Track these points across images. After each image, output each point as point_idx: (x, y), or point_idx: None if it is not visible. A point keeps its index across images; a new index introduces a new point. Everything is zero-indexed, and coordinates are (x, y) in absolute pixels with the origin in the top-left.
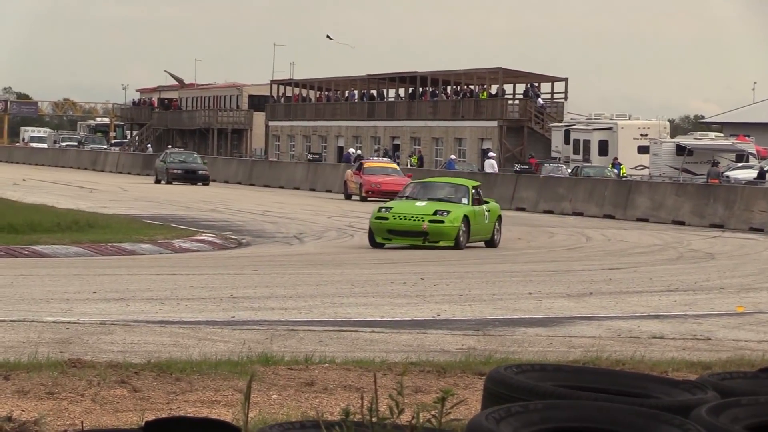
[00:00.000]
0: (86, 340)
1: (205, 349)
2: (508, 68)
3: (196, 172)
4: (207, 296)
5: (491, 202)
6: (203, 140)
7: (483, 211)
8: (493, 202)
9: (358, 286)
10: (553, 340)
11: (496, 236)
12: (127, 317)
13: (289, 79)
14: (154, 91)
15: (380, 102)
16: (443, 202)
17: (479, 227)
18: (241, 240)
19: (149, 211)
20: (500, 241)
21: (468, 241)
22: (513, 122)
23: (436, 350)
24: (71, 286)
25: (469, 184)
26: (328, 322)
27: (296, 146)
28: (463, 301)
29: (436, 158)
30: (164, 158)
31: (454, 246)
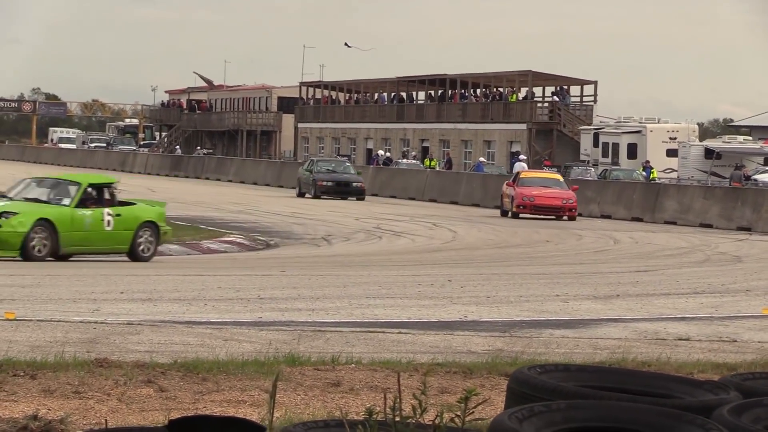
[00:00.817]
0: (113, 340)
1: (232, 350)
2: (537, 71)
3: (349, 184)
4: (234, 297)
5: (143, 204)
6: (232, 142)
7: (100, 215)
8: (145, 206)
9: (385, 287)
10: (579, 341)
11: (140, 248)
12: (155, 317)
13: (319, 81)
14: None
15: (409, 104)
16: (38, 203)
17: (90, 235)
18: (269, 241)
19: (178, 212)
20: (154, 254)
21: (61, 251)
22: (542, 125)
23: (462, 351)
24: (98, 286)
25: (84, 180)
26: (355, 323)
27: (325, 148)
28: (490, 302)
29: (465, 161)
30: (310, 167)
31: (21, 257)
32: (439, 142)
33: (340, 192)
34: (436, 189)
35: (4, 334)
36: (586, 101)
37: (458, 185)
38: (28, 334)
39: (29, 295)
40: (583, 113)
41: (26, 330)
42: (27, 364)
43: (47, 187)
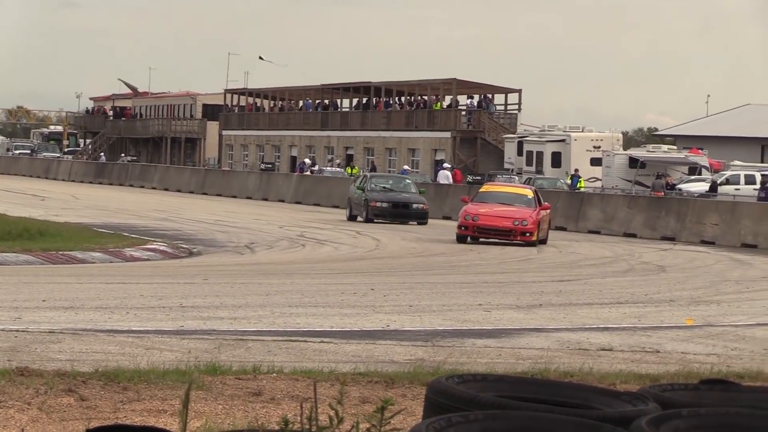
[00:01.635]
0: (34, 349)
1: (153, 359)
2: (462, 79)
3: (408, 206)
4: (156, 305)
5: None
6: (157, 149)
7: None
8: None
9: (308, 296)
10: (502, 351)
11: None
12: (76, 326)
13: (243, 89)
14: (108, 99)
15: (334, 112)
16: None
17: None
18: (192, 249)
19: (101, 219)
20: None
21: None
22: (466, 133)
23: (384, 361)
24: (20, 294)
25: None
26: (277, 332)
27: (250, 156)
28: (413, 311)
29: (389, 168)
30: (362, 184)
31: None
32: (363, 149)
33: (398, 215)
34: None
35: None
36: (511, 110)
37: None
38: None
39: None
40: (508, 122)
41: None
42: None
43: None
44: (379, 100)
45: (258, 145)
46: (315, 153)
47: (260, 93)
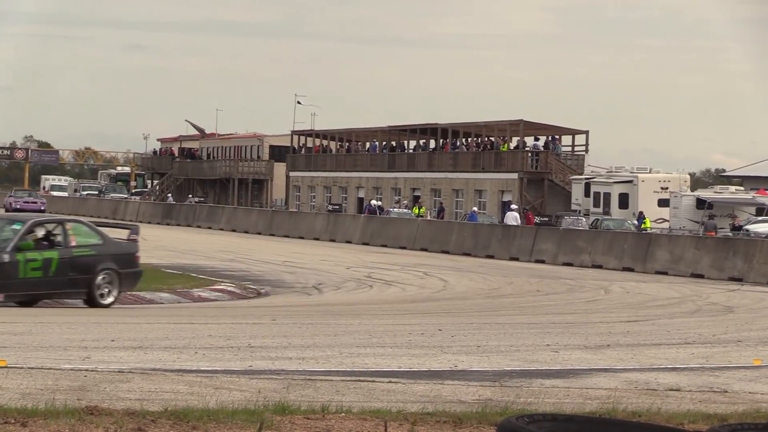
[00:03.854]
0: (104, 388)
1: (222, 398)
2: (529, 120)
3: None
4: (225, 345)
5: None
6: (224, 190)
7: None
8: None
9: (375, 336)
10: (569, 391)
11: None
12: (145, 365)
13: (310, 130)
14: (175, 140)
15: (401, 153)
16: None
17: None
18: (259, 290)
19: (170, 260)
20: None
21: None
22: (533, 174)
23: (452, 401)
24: (90, 333)
25: None
26: (345, 372)
27: (317, 197)
28: (481, 352)
29: (456, 210)
30: None
31: None
32: (430, 191)
33: None
34: (427, 238)
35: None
36: (578, 151)
37: (449, 234)
38: (18, 381)
39: (20, 343)
40: (575, 163)
41: (17, 377)
42: (18, 412)
43: None
44: (446, 142)
45: (325, 187)
46: (382, 194)
47: (327, 134)
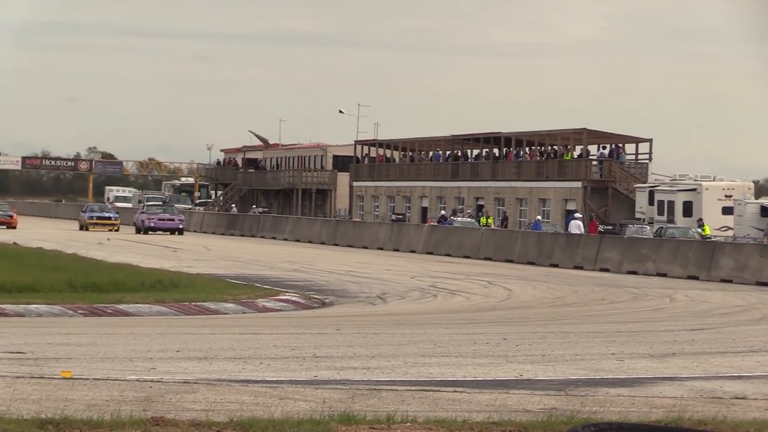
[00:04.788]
0: (169, 399)
1: (287, 408)
2: (592, 129)
3: None
4: (290, 355)
5: None
6: (287, 200)
7: None
8: None
9: (440, 345)
10: (635, 400)
11: None
12: (210, 376)
13: (374, 140)
14: (239, 151)
15: (464, 162)
16: None
17: None
18: (324, 300)
19: (233, 270)
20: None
21: None
22: (597, 183)
23: (518, 410)
24: (154, 344)
25: None
26: (410, 382)
27: (380, 206)
28: (546, 361)
29: (520, 219)
30: None
31: None
32: (494, 200)
33: None
34: (491, 247)
35: (61, 393)
36: (641, 159)
37: (513, 243)
38: (84, 392)
39: (86, 354)
40: (638, 171)
41: (83, 388)
42: (84, 423)
43: None
44: (509, 150)
45: (388, 196)
46: (445, 203)
47: (390, 144)
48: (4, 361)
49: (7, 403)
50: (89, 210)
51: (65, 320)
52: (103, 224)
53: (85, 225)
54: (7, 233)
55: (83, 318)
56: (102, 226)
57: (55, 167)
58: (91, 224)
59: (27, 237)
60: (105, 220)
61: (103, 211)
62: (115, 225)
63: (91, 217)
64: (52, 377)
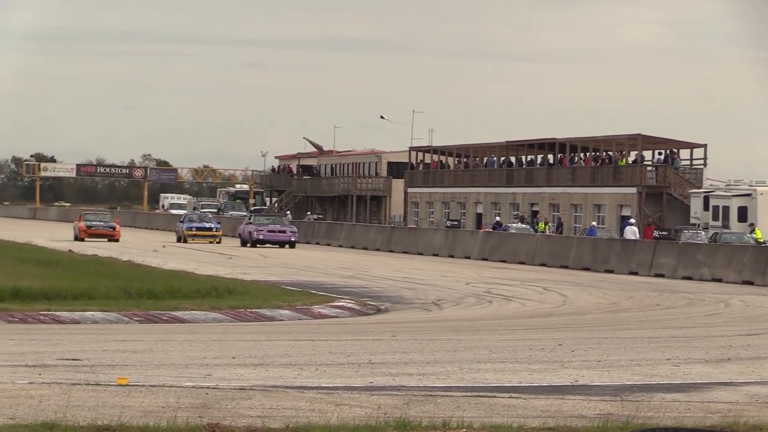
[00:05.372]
0: (225, 405)
1: (343, 414)
2: (646, 134)
3: None
4: (345, 362)
5: None
6: (342, 207)
7: None
8: None
9: (495, 351)
10: (690, 405)
11: None
12: (266, 382)
13: (428, 146)
14: (293, 157)
15: (519, 168)
16: None
17: None
18: (379, 306)
19: (289, 277)
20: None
21: None
22: (652, 188)
23: (573, 416)
24: (210, 351)
25: None
26: (466, 388)
27: (435, 213)
28: (601, 366)
29: (574, 225)
30: None
31: None
32: (549, 206)
33: None
34: (546, 253)
35: (118, 400)
36: (696, 164)
37: (568, 249)
38: (140, 399)
39: (141, 361)
40: (693, 176)
41: (139, 395)
42: (140, 430)
43: None
44: (564, 156)
45: (443, 202)
46: (500, 210)
47: (445, 150)
48: (60, 368)
49: (63, 410)
50: (188, 220)
51: (121, 327)
52: (203, 236)
53: (183, 236)
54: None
55: (139, 325)
56: (202, 237)
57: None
58: (190, 236)
59: (82, 245)
60: (205, 231)
61: (203, 222)
62: (217, 237)
63: (190, 228)
64: (108, 384)
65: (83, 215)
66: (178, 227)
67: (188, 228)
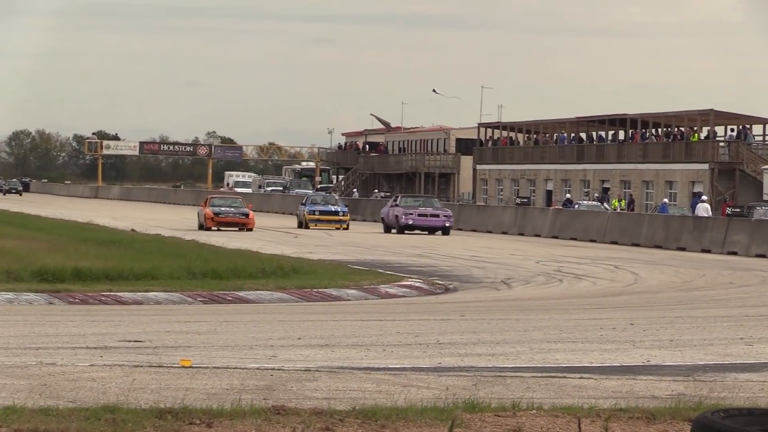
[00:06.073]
0: (290, 387)
1: (411, 396)
2: (719, 110)
3: None
4: (413, 342)
5: None
6: (410, 184)
7: None
8: None
9: (566, 331)
10: (764, 385)
11: None
12: (332, 364)
13: (497, 122)
14: (360, 134)
15: (589, 145)
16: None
17: None
18: (448, 285)
19: (355, 256)
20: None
21: None
22: (724, 165)
23: (645, 396)
24: (275, 332)
25: None
26: (536, 368)
27: (504, 190)
28: (674, 346)
29: (646, 202)
30: None
31: None
32: (620, 182)
33: None
34: (617, 231)
35: (181, 382)
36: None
37: (640, 227)
38: (204, 381)
39: (205, 342)
40: (766, 152)
41: (202, 377)
42: (203, 412)
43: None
44: (635, 132)
45: (513, 179)
46: (570, 187)
47: (515, 126)
48: (122, 350)
49: (125, 393)
50: (310, 202)
51: (184, 308)
52: (328, 221)
53: (305, 222)
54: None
55: (202, 305)
56: (326, 223)
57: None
58: (313, 221)
59: (145, 224)
60: (330, 216)
61: (328, 204)
62: (344, 222)
63: (313, 211)
64: (171, 366)
65: (210, 199)
66: (300, 211)
67: (310, 212)
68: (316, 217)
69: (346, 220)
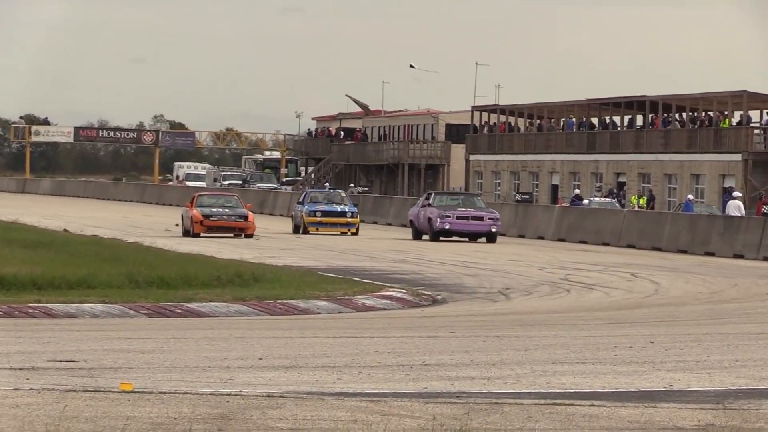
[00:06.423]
0: (250, 416)
1: (392, 426)
2: (753, 91)
3: None
4: (394, 363)
5: None
6: (392, 177)
7: None
8: None
9: (574, 351)
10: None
11: None
12: (299, 388)
13: (494, 105)
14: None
15: (602, 131)
16: None
17: None
18: (435, 296)
19: (327, 261)
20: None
21: None
22: (760, 155)
23: (667, 427)
24: (233, 351)
25: None
26: (539, 394)
27: (502, 184)
28: (700, 368)
29: (668, 198)
30: None
31: None
32: (637, 176)
33: None
34: (635, 232)
35: (121, 410)
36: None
37: (661, 227)
38: (148, 408)
39: (150, 362)
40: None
41: (146, 404)
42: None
43: None
44: (655, 117)
45: (512, 172)
46: (580, 180)
47: (514, 110)
48: (53, 372)
49: (56, 422)
50: (309, 201)
51: (125, 322)
52: (332, 224)
53: (303, 225)
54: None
55: (147, 319)
56: (331, 227)
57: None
58: (313, 224)
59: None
60: (336, 218)
61: (332, 203)
62: (353, 225)
63: (313, 212)
64: (109, 390)
65: (197, 198)
66: (296, 211)
67: (310, 213)
68: (318, 219)
69: (355, 222)
